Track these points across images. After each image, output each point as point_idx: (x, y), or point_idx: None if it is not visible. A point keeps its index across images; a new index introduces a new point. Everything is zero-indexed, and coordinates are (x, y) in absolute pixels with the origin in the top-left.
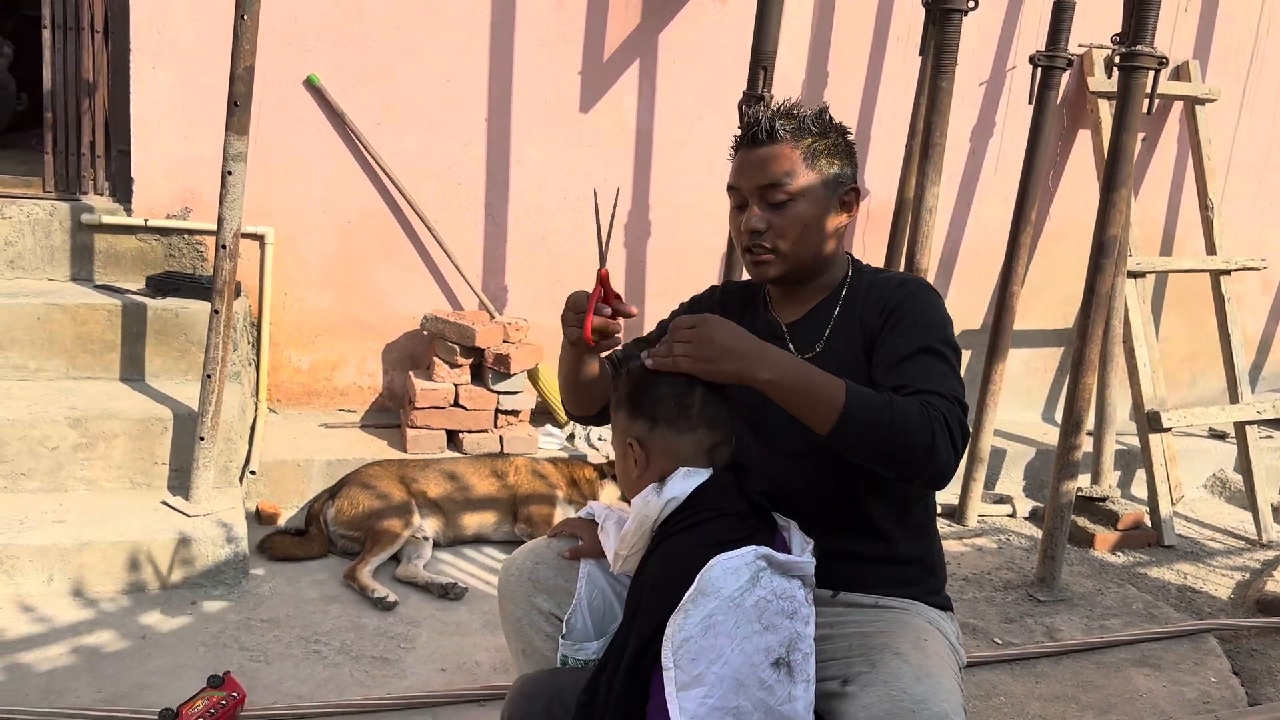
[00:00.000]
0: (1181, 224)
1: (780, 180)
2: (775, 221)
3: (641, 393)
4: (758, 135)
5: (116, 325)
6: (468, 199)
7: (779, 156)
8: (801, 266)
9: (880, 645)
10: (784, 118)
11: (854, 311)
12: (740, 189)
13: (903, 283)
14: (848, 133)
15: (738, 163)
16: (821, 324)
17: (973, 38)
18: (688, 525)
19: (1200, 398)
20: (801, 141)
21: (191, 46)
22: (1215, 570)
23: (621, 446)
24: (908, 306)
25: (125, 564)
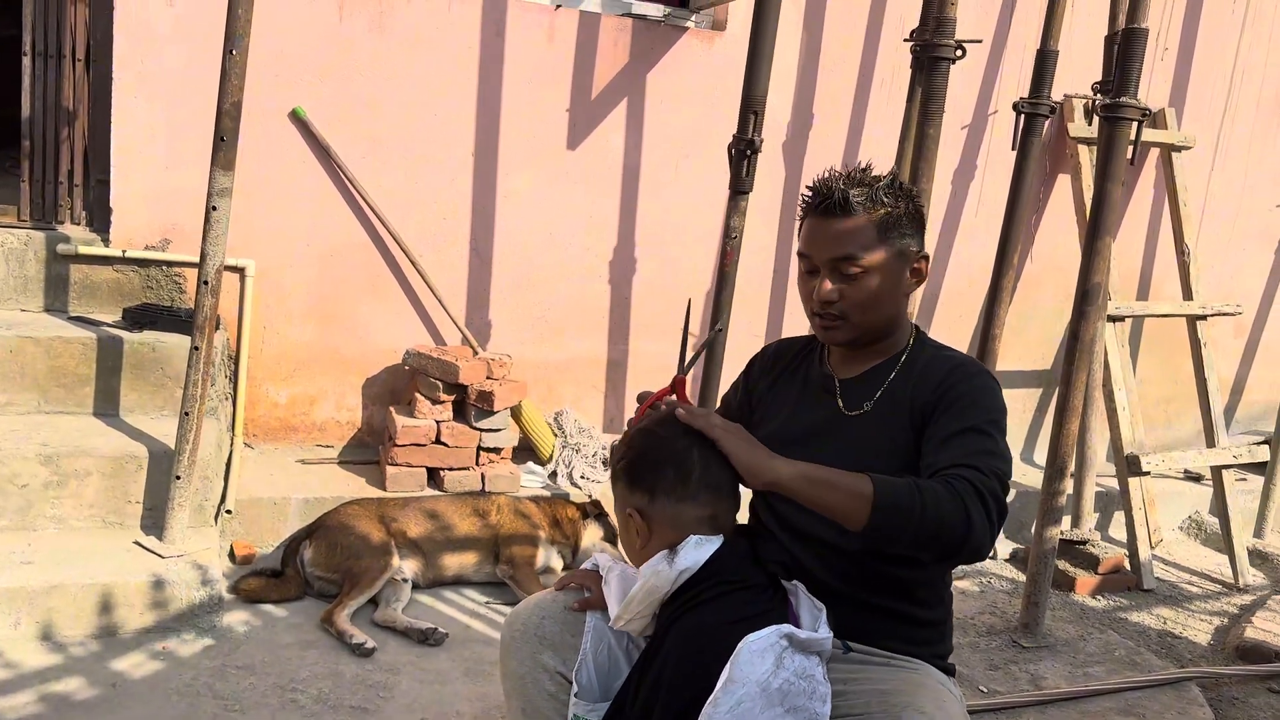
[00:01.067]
0: (1158, 268)
1: (854, 254)
2: (847, 292)
3: (640, 462)
4: (831, 207)
5: (91, 359)
6: (453, 233)
7: (853, 230)
8: (868, 333)
9: (903, 704)
10: (857, 187)
11: (908, 381)
12: (812, 258)
13: (961, 364)
14: (918, 199)
15: (809, 230)
16: (874, 386)
17: (956, 83)
18: (705, 600)
19: (1176, 439)
20: (875, 213)
21: (175, 77)
22: (1194, 615)
23: (622, 516)
24: (962, 389)
25: (96, 607)
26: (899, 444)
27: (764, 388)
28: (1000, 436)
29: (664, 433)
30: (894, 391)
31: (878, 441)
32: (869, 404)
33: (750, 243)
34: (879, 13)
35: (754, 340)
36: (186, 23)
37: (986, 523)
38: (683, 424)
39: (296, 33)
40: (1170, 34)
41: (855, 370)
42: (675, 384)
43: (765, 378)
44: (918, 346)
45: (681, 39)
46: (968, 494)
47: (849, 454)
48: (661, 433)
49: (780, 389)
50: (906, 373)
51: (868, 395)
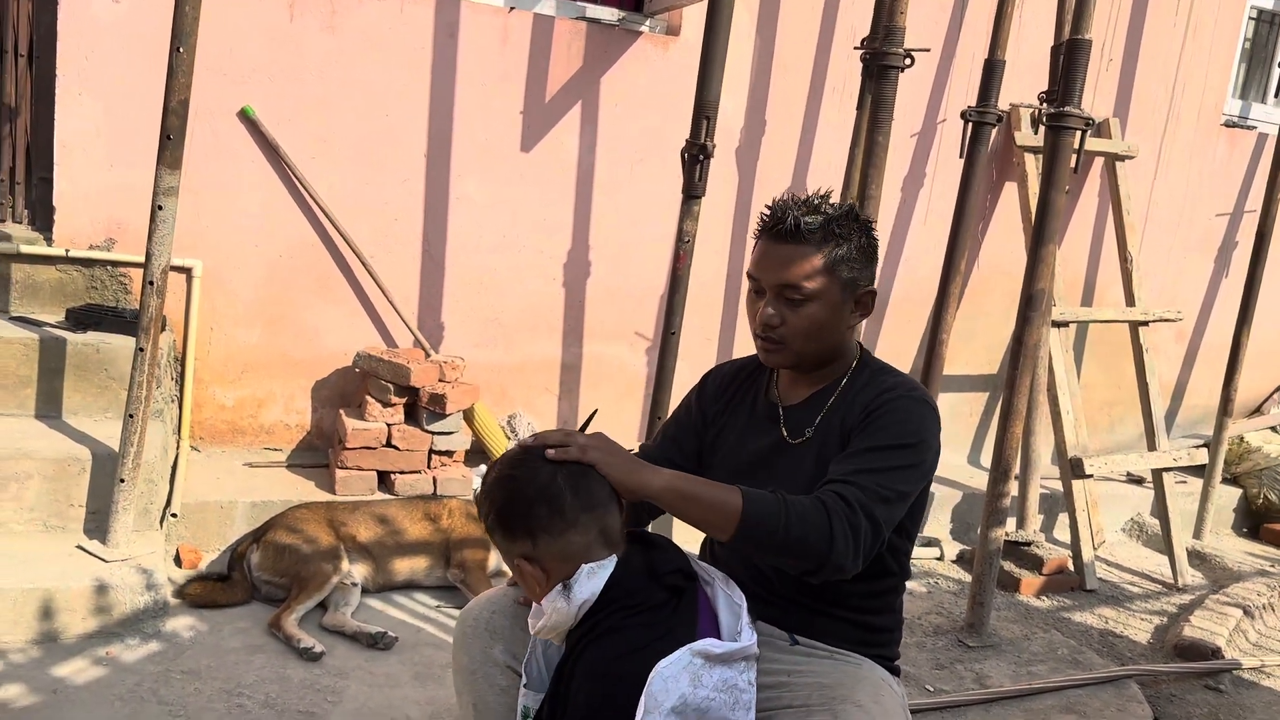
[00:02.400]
0: (1102, 274)
1: (799, 284)
2: (789, 317)
3: (509, 510)
4: (784, 232)
5: (33, 360)
6: (405, 235)
7: (801, 258)
8: (808, 359)
9: (841, 696)
10: (812, 214)
11: (844, 405)
12: (760, 279)
13: (891, 388)
14: (872, 232)
15: (760, 252)
16: (815, 412)
17: (905, 91)
18: (605, 630)
19: (1119, 442)
20: (825, 245)
21: (120, 74)
22: (1135, 615)
23: (513, 567)
24: (885, 410)
25: (36, 612)
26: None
27: (716, 411)
28: (907, 456)
29: (520, 473)
30: (831, 415)
31: (816, 468)
32: (810, 430)
33: (703, 246)
34: (831, 21)
35: (707, 344)
36: (132, 19)
37: (851, 542)
38: (533, 455)
39: (246, 31)
40: (1115, 45)
41: (799, 396)
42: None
43: (717, 402)
44: (859, 370)
45: (636, 43)
46: (836, 511)
47: (789, 483)
48: (518, 474)
49: (731, 415)
50: (845, 395)
51: (809, 422)
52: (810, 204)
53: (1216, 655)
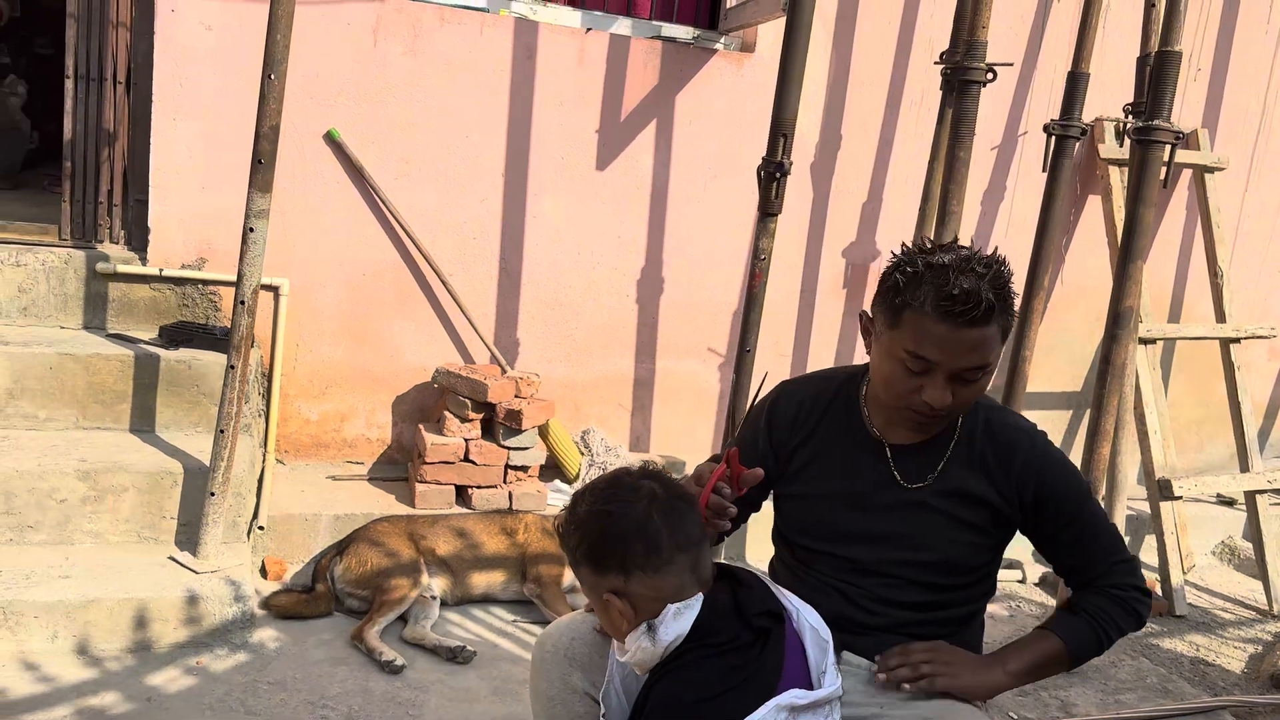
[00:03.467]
0: (1190, 289)
1: (988, 364)
2: (960, 393)
3: (602, 544)
4: (974, 315)
5: (129, 376)
6: (482, 253)
7: (990, 339)
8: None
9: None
10: (995, 290)
11: (973, 447)
12: (938, 363)
13: (1029, 443)
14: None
15: (941, 337)
16: (935, 455)
17: (985, 104)
18: (685, 666)
19: (1208, 462)
20: (1003, 315)
21: (212, 99)
22: (1227, 642)
23: (598, 600)
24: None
25: (131, 622)
26: (965, 522)
27: (796, 443)
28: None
29: (615, 508)
30: (959, 458)
31: (941, 521)
32: (931, 476)
33: (777, 263)
34: (908, 35)
35: (780, 359)
36: (224, 47)
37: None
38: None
39: (332, 56)
40: (1203, 55)
41: (908, 437)
42: (728, 457)
43: (794, 434)
44: (971, 412)
45: (710, 61)
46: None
47: (911, 532)
48: (613, 509)
49: (819, 447)
50: (969, 436)
51: (929, 466)
52: (973, 269)
53: None
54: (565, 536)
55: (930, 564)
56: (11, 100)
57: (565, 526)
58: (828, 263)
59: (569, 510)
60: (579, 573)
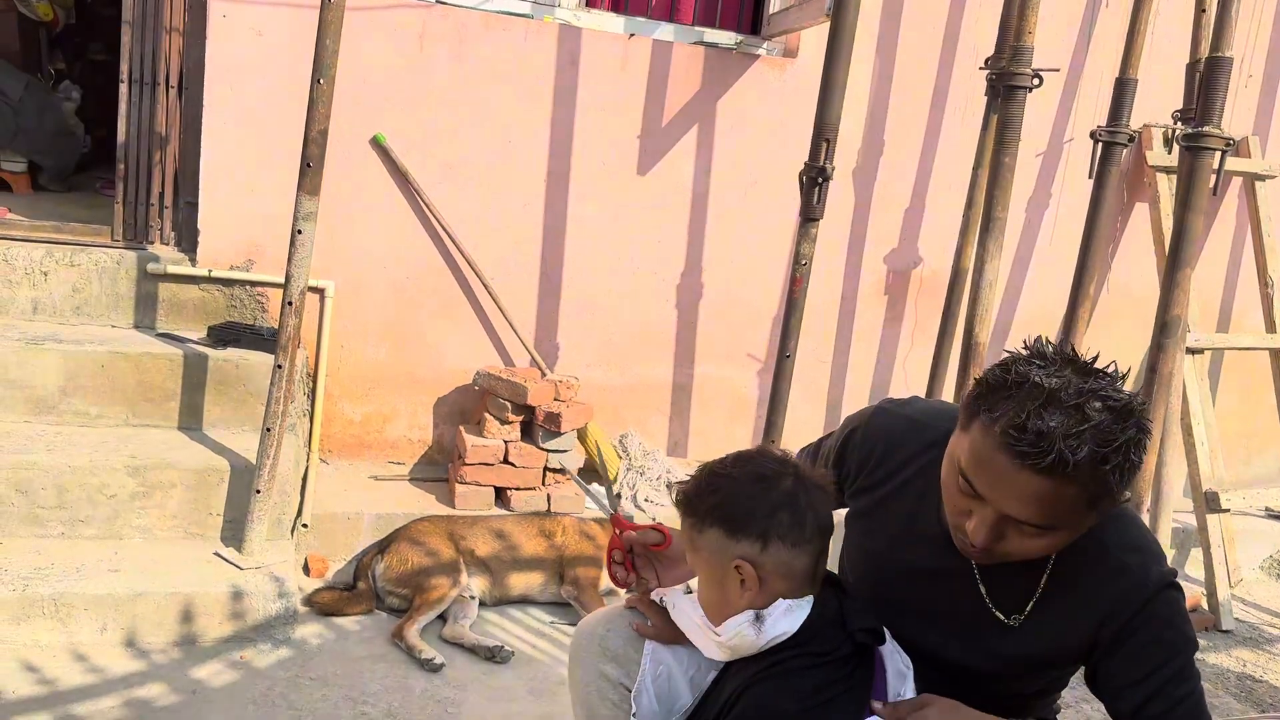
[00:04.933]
0: (1239, 299)
1: (1048, 524)
2: (1015, 542)
3: (742, 505)
4: (1038, 463)
5: (178, 374)
6: (524, 257)
7: (1059, 498)
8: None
9: None
10: (1078, 431)
11: (1075, 582)
12: (984, 498)
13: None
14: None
15: (995, 468)
16: (1028, 586)
17: (1031, 110)
18: (786, 671)
19: (1257, 475)
20: (1094, 480)
21: (261, 103)
22: (1275, 658)
23: (719, 568)
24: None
25: (178, 615)
26: (1055, 659)
27: (862, 486)
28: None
29: (769, 473)
30: (1053, 594)
31: (1032, 657)
32: (1020, 616)
33: (818, 268)
34: (953, 40)
35: (820, 366)
36: (274, 53)
37: None
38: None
39: (379, 61)
40: (1254, 61)
41: None
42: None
43: (866, 475)
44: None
45: (753, 66)
46: None
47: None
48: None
49: (882, 508)
50: (1072, 570)
51: (1018, 601)
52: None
53: None
54: (696, 496)
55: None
56: (66, 105)
57: (698, 485)
58: (869, 269)
59: (704, 473)
60: (700, 536)
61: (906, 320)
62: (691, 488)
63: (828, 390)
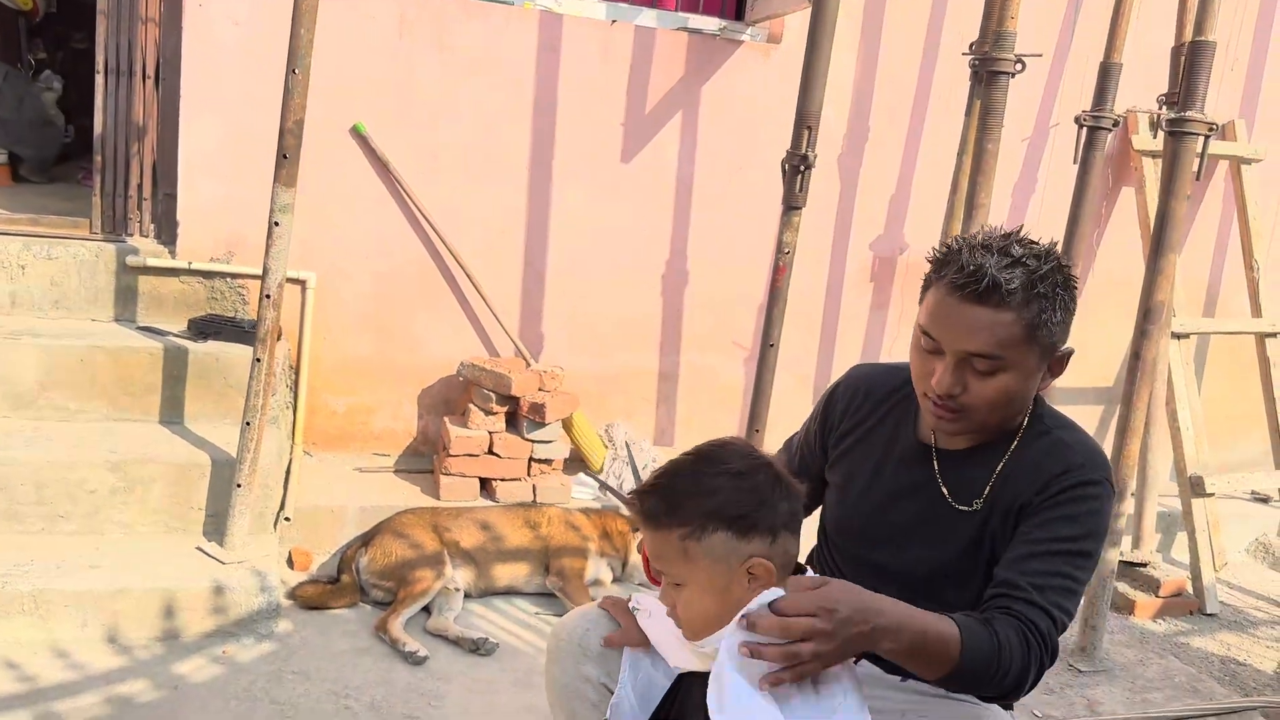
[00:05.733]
0: (1225, 283)
1: (994, 353)
2: (974, 387)
3: (746, 502)
4: (977, 291)
5: (158, 368)
6: (507, 247)
7: (999, 324)
8: (990, 429)
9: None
10: (1011, 266)
11: (1019, 475)
12: (939, 341)
13: (1078, 467)
14: (1073, 284)
15: (943, 311)
16: (982, 475)
17: (1015, 95)
18: None
19: (1243, 459)
20: (1028, 307)
21: (239, 93)
22: (1259, 641)
23: (724, 574)
24: (1068, 496)
25: (159, 611)
26: (995, 550)
27: (847, 429)
28: (1089, 567)
29: (754, 470)
30: (1001, 490)
31: (975, 546)
32: (978, 502)
33: (803, 256)
34: (937, 26)
35: (806, 355)
36: (251, 42)
37: (1038, 679)
38: (735, 450)
39: (357, 50)
40: (1240, 45)
41: (960, 442)
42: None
43: (850, 418)
44: (1034, 425)
45: (736, 52)
46: (1033, 657)
47: (945, 557)
48: (754, 470)
49: (864, 441)
50: (1018, 463)
51: (975, 491)
52: (1009, 252)
53: None
54: (685, 501)
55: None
56: (46, 95)
57: (681, 490)
58: (855, 255)
59: (680, 477)
60: (700, 544)
61: (892, 307)
62: (671, 496)
63: (814, 377)
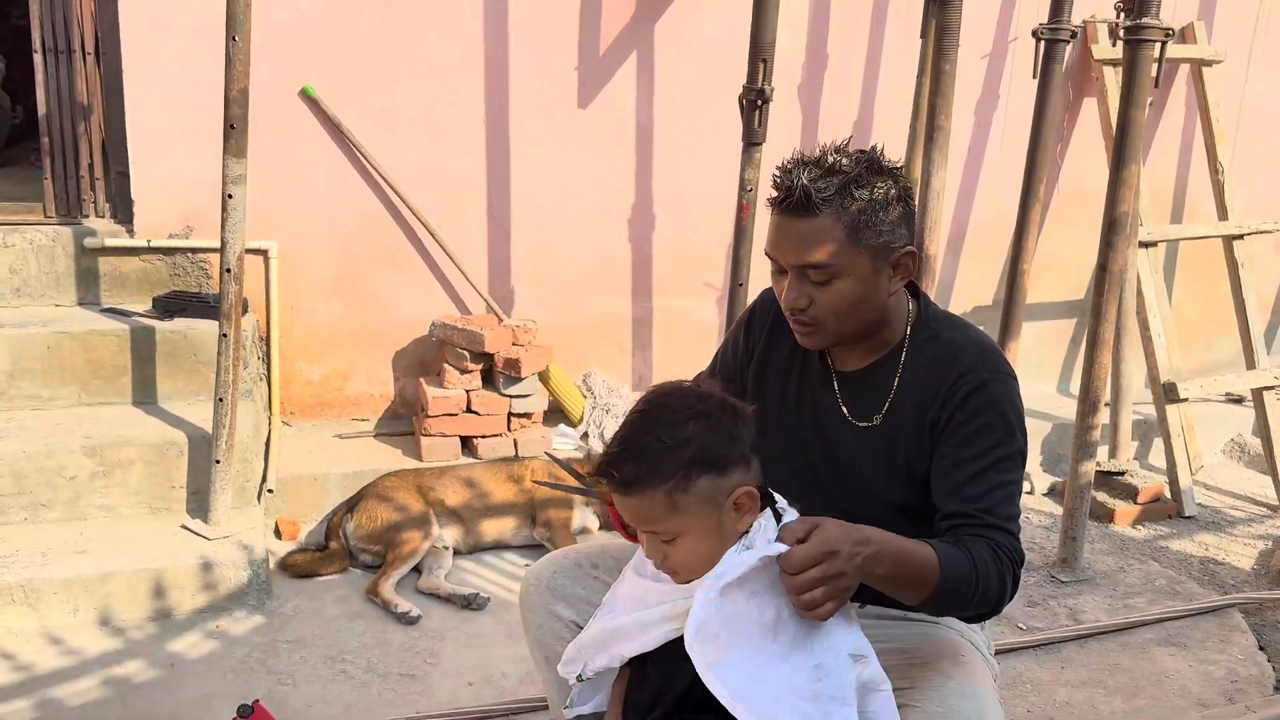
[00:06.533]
0: (1192, 188)
1: (820, 262)
2: (817, 297)
3: (716, 441)
4: (794, 205)
5: (126, 350)
6: (469, 202)
7: (819, 232)
8: (850, 335)
9: (921, 662)
10: (825, 178)
11: (914, 383)
12: (776, 259)
13: (970, 368)
14: (902, 181)
15: (774, 228)
16: (881, 390)
17: (973, 13)
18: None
19: (1217, 361)
20: (846, 211)
21: (183, 65)
22: (1237, 540)
23: (712, 514)
24: (975, 404)
25: (149, 591)
26: (910, 463)
27: (761, 347)
28: (1021, 462)
29: (709, 408)
30: (902, 400)
31: (889, 461)
32: (878, 417)
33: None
34: None
35: None
36: (190, 11)
37: (1015, 589)
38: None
39: (300, 10)
40: None
41: (857, 363)
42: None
43: (764, 335)
44: (918, 333)
45: None
46: (1008, 573)
47: (858, 474)
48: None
49: (772, 354)
50: (912, 371)
51: (875, 406)
52: (822, 163)
53: None
54: (664, 458)
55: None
56: None
57: (657, 449)
58: None
59: (649, 435)
60: (686, 494)
61: None
62: (645, 457)
63: None
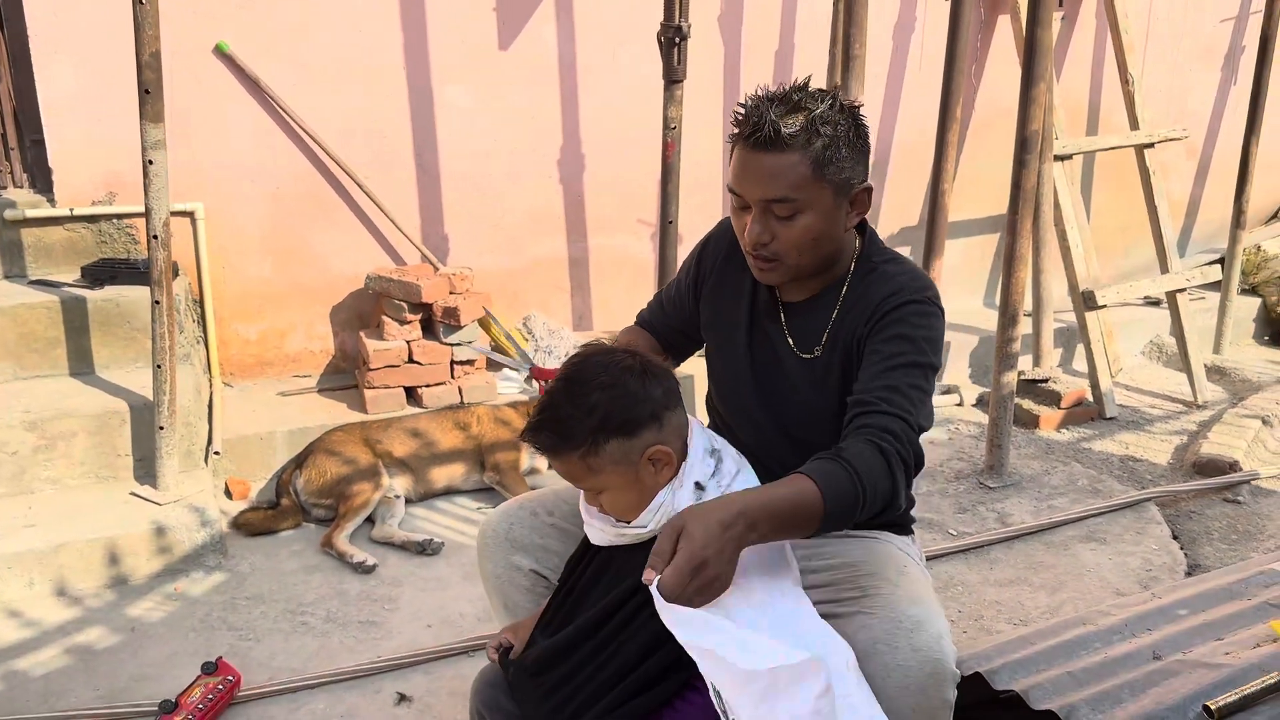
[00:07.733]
0: (1106, 99)
1: (786, 196)
2: (780, 232)
3: (623, 403)
4: (761, 139)
5: (58, 321)
6: (396, 151)
7: (786, 168)
8: (807, 270)
9: (868, 573)
10: (791, 114)
11: (852, 313)
12: (742, 195)
13: (897, 290)
14: (860, 120)
15: (738, 164)
16: (822, 319)
17: None
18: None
19: (1135, 266)
20: (811, 147)
21: (92, 29)
22: (1155, 437)
23: (629, 472)
24: (894, 318)
25: (104, 559)
26: (848, 389)
27: (713, 280)
28: (928, 372)
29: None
30: (838, 331)
31: (831, 388)
32: (818, 349)
33: (694, 128)
34: None
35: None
36: None
37: (906, 479)
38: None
39: None
40: None
41: (801, 293)
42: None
43: (716, 266)
44: (862, 265)
45: None
46: (893, 457)
47: (805, 404)
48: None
49: (722, 288)
50: (850, 304)
51: (815, 338)
52: (789, 100)
53: (1235, 468)
54: (572, 425)
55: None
56: None
57: (565, 416)
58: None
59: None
60: (598, 456)
61: None
62: (558, 426)
63: None
